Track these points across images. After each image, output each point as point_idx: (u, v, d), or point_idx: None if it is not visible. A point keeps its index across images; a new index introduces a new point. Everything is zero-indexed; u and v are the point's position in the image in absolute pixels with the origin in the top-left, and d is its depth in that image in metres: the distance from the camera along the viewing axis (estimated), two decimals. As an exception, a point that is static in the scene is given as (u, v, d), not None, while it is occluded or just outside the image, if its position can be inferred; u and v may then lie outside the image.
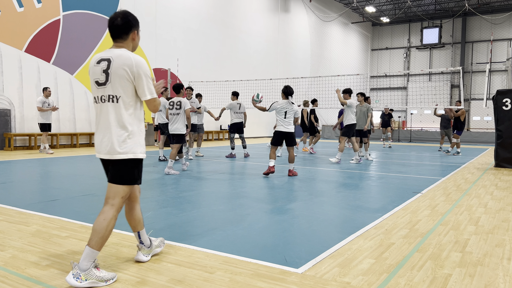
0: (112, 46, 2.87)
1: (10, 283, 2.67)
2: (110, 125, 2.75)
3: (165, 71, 17.56)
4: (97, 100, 2.82)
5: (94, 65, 2.80)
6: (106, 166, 2.89)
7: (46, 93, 11.84)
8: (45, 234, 3.74)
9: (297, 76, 26.18)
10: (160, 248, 3.24)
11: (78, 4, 14.49)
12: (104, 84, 2.76)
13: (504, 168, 9.61)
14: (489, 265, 3.12)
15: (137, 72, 2.75)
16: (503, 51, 32.54)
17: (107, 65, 2.74)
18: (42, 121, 11.80)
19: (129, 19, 2.85)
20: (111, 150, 2.75)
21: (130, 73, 2.74)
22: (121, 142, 2.74)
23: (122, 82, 2.73)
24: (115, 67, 2.72)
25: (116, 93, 2.75)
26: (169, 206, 4.97)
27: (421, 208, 5.10)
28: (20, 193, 5.72)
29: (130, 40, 2.90)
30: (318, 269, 2.96)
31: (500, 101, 9.61)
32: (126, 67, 2.72)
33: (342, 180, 7.43)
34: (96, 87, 2.81)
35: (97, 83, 2.80)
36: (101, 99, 2.79)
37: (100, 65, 2.77)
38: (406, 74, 37.36)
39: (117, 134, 2.75)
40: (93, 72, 2.81)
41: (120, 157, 2.75)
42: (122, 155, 2.74)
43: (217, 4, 20.94)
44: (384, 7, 34.42)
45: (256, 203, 5.25)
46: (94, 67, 2.80)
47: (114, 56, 2.75)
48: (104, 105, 2.78)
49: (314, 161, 10.78)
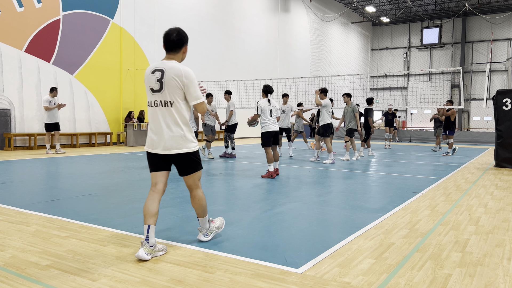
0: (164, 58, 3.32)
1: (10, 283, 2.67)
2: (168, 126, 3.22)
3: (165, 71, 17.55)
4: (152, 104, 3.27)
5: (150, 74, 3.25)
6: (160, 160, 3.30)
7: (53, 93, 11.78)
8: (45, 234, 3.74)
9: (297, 76, 26.17)
10: (162, 253, 3.23)
11: (78, 4, 14.49)
12: (158, 91, 3.22)
13: (504, 168, 9.61)
14: (489, 265, 3.12)
15: (186, 81, 3.19)
16: (503, 51, 32.53)
17: (161, 75, 3.20)
18: (48, 121, 11.69)
19: (182, 35, 3.29)
20: (169, 146, 3.21)
21: (180, 82, 3.18)
22: (176, 139, 3.21)
23: (174, 90, 3.19)
24: (168, 78, 3.18)
25: (170, 99, 3.21)
26: (169, 206, 4.97)
27: (421, 208, 5.10)
28: (20, 193, 5.72)
29: (181, 53, 3.33)
30: (318, 269, 2.96)
31: (500, 101, 9.61)
32: (177, 77, 3.17)
33: (342, 180, 7.43)
34: (151, 93, 3.26)
35: (152, 90, 3.25)
36: (156, 103, 3.24)
37: (154, 75, 3.22)
38: (406, 74, 37.36)
39: (173, 133, 3.21)
40: (148, 80, 3.26)
41: (179, 152, 3.23)
42: (179, 150, 3.22)
43: (217, 4, 20.94)
44: (384, 7, 34.43)
45: (256, 203, 5.25)
46: (149, 76, 3.26)
47: (167, 67, 3.20)
48: (159, 109, 3.24)
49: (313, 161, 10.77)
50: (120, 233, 3.81)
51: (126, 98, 16.44)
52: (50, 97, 11.75)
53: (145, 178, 7.31)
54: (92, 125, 15.30)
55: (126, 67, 16.28)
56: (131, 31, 16.45)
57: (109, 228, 3.96)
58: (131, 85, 16.61)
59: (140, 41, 16.83)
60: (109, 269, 2.90)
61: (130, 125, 15.53)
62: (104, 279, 2.74)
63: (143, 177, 7.37)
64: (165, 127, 3.21)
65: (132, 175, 7.66)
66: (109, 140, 15.93)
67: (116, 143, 16.25)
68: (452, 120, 12.94)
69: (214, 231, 3.60)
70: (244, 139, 21.73)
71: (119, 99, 16.25)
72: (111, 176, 7.50)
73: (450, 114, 12.87)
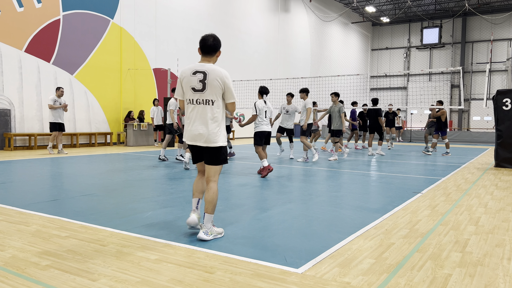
0: (201, 60, 3.69)
1: (10, 283, 2.67)
2: (207, 122, 3.60)
3: (165, 71, 17.56)
4: (193, 102, 3.64)
5: (191, 75, 3.61)
6: (198, 152, 3.74)
7: (58, 93, 11.70)
8: (45, 234, 3.74)
9: (297, 76, 26.17)
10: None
11: (78, 4, 14.49)
12: (201, 91, 3.59)
13: (504, 168, 9.61)
14: (489, 265, 3.12)
15: (226, 82, 3.62)
16: (503, 51, 32.52)
17: (203, 76, 3.58)
18: (53, 120, 11.64)
19: (218, 41, 3.71)
20: (207, 140, 3.61)
21: (222, 83, 3.60)
22: (214, 134, 3.61)
23: (216, 90, 3.59)
24: (211, 79, 3.57)
25: (212, 98, 3.60)
26: (169, 206, 4.97)
27: (421, 208, 5.10)
28: (20, 193, 5.72)
29: (215, 56, 3.73)
30: (318, 269, 2.96)
31: (500, 101, 9.61)
32: (220, 79, 3.58)
33: (342, 180, 7.43)
34: (193, 92, 3.62)
35: (193, 89, 3.61)
36: (198, 101, 3.62)
37: (196, 76, 3.59)
38: (406, 74, 37.35)
39: (212, 128, 3.60)
40: (188, 81, 3.61)
41: (215, 145, 3.62)
42: (215, 144, 3.62)
43: (217, 4, 20.94)
44: (384, 7, 34.42)
45: (256, 203, 5.25)
46: (190, 76, 3.61)
47: (209, 70, 3.59)
48: (200, 106, 3.62)
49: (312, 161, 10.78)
50: (120, 233, 3.81)
51: (126, 98, 16.44)
52: (56, 96, 11.68)
53: (145, 178, 7.31)
54: (92, 125, 15.30)
55: (126, 67, 16.28)
56: (131, 31, 16.45)
57: (109, 228, 3.96)
58: (131, 85, 16.61)
59: (140, 41, 16.83)
60: (109, 269, 2.90)
61: (130, 125, 15.53)
62: (104, 279, 2.74)
63: (143, 177, 7.37)
64: (204, 123, 3.60)
65: (132, 175, 7.66)
66: (109, 140, 15.93)
67: (116, 143, 16.26)
68: (443, 120, 12.97)
69: (214, 233, 3.66)
70: (242, 139, 21.71)
71: (119, 99, 16.25)
72: (111, 176, 7.51)
73: (440, 114, 12.87)
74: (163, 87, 17.80)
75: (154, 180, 7.05)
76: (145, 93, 17.26)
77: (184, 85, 3.65)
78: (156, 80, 17.65)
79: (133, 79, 16.68)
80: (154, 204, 5.12)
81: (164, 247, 3.40)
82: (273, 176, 7.77)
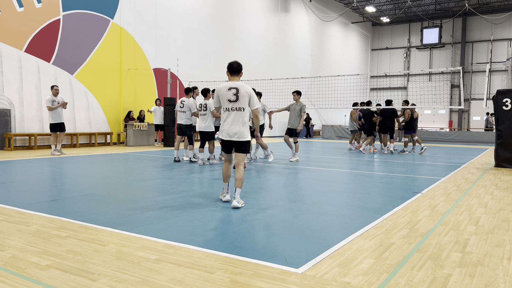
0: (231, 79, 5.13)
1: (10, 283, 2.67)
2: (239, 123, 5.02)
3: (165, 71, 17.56)
4: (230, 109, 5.02)
5: (227, 91, 5.00)
6: (231, 145, 5.11)
7: (53, 91, 11.49)
8: (45, 234, 3.74)
9: (297, 76, 26.17)
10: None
11: (78, 4, 14.49)
12: (235, 101, 5.01)
13: (504, 168, 9.61)
14: (489, 265, 3.12)
15: (252, 94, 5.09)
16: (503, 51, 32.51)
17: (236, 91, 5.00)
18: (52, 121, 11.46)
19: (240, 65, 5.18)
20: (240, 136, 5.03)
21: (249, 94, 5.05)
22: (244, 131, 5.04)
23: (245, 100, 5.04)
24: (243, 92, 5.01)
25: (243, 106, 5.04)
26: (169, 206, 4.97)
27: (421, 208, 5.10)
28: (20, 193, 5.72)
29: (239, 76, 5.16)
30: (318, 269, 2.96)
31: (500, 101, 9.61)
32: (247, 92, 5.04)
33: (342, 180, 7.43)
34: (229, 102, 5.01)
35: (229, 100, 5.01)
36: (232, 109, 5.02)
37: (231, 91, 4.99)
38: (406, 74, 37.34)
39: (242, 128, 5.03)
40: (225, 94, 5.01)
41: (245, 139, 5.06)
42: (245, 138, 5.06)
43: (217, 4, 20.93)
44: (384, 7, 34.42)
45: (256, 203, 5.25)
46: (226, 91, 5.01)
47: (239, 86, 5.02)
48: (234, 113, 5.02)
49: (312, 161, 10.77)
50: (120, 233, 3.81)
51: (126, 98, 16.44)
52: (52, 96, 11.47)
53: (145, 178, 7.31)
54: (92, 125, 15.30)
55: (126, 67, 16.28)
56: (131, 31, 16.45)
57: (109, 228, 3.96)
58: (131, 85, 16.61)
59: (140, 41, 16.83)
60: (109, 269, 2.90)
61: (130, 125, 15.53)
62: (104, 279, 2.74)
63: (143, 177, 7.37)
64: (237, 124, 5.01)
65: (132, 175, 7.66)
66: (109, 140, 15.93)
67: (116, 143, 16.25)
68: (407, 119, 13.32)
69: (241, 203, 4.95)
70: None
71: (119, 99, 16.25)
72: (111, 176, 7.50)
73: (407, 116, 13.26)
74: (163, 87, 17.79)
75: (154, 180, 7.05)
76: (145, 93, 17.26)
77: (222, 98, 5.04)
78: (156, 80, 17.65)
79: (133, 79, 16.67)
80: (154, 204, 5.12)
81: (164, 247, 3.40)
82: (272, 175, 7.77)
